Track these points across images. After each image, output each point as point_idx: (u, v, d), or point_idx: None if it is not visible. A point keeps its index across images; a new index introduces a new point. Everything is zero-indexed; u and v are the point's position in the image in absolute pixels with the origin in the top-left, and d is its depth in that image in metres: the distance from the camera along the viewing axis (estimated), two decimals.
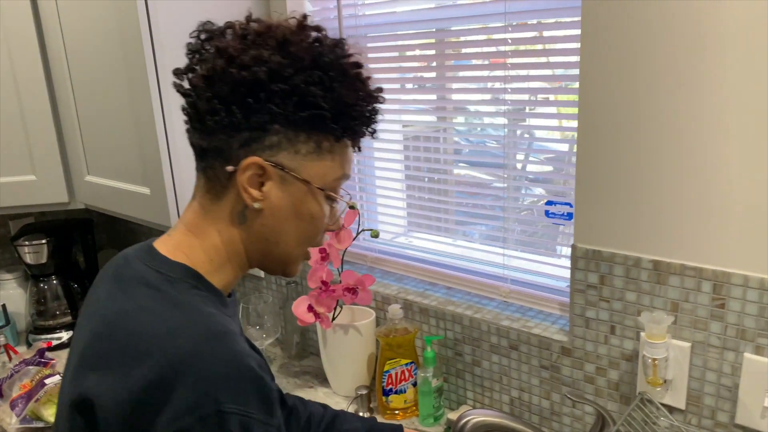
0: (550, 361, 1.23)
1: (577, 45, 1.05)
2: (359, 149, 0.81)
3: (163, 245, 0.77)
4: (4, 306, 1.83)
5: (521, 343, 1.26)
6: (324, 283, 1.39)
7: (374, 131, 0.80)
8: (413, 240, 1.57)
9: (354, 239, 1.39)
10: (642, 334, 1.05)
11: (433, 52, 1.42)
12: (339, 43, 0.75)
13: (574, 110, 1.09)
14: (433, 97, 1.48)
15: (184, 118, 0.76)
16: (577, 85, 1.07)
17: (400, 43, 1.44)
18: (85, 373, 0.68)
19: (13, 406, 1.47)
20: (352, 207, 1.40)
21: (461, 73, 1.38)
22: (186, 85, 0.74)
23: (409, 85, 1.49)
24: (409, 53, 1.45)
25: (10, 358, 1.75)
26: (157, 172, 1.37)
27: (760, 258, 0.94)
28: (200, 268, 0.75)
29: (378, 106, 0.78)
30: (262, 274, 1.81)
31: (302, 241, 0.79)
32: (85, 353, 0.71)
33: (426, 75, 1.46)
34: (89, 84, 1.50)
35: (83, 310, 0.79)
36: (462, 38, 1.32)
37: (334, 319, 1.46)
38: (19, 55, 1.54)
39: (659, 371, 1.03)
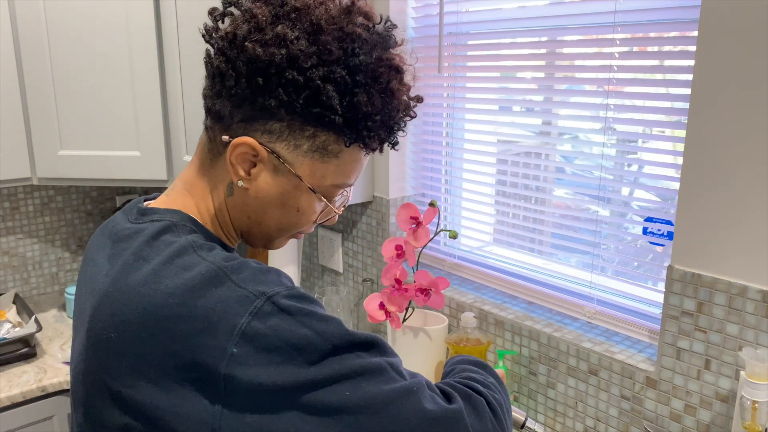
0: (632, 391, 1.12)
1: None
2: (379, 151, 0.73)
3: (157, 203, 0.75)
4: None
5: (602, 368, 1.16)
6: (397, 281, 1.35)
7: (394, 144, 0.73)
8: (494, 248, 1.50)
9: (431, 239, 1.34)
10: (742, 372, 0.93)
11: (541, 74, 1.30)
12: (382, 42, 0.68)
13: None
14: (539, 122, 1.36)
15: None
16: None
17: (504, 52, 1.34)
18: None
19: None
20: (432, 205, 1.38)
21: (572, 99, 1.24)
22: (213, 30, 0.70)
23: (516, 108, 1.38)
24: (515, 67, 1.33)
25: None
26: None
27: None
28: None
29: (406, 118, 0.72)
30: (340, 269, 1.81)
31: (284, 228, 0.75)
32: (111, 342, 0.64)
33: (533, 98, 1.33)
34: (197, 68, 1.57)
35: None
36: (570, 50, 1.22)
37: (405, 320, 1.41)
38: (137, 40, 1.64)
39: (759, 416, 0.90)
